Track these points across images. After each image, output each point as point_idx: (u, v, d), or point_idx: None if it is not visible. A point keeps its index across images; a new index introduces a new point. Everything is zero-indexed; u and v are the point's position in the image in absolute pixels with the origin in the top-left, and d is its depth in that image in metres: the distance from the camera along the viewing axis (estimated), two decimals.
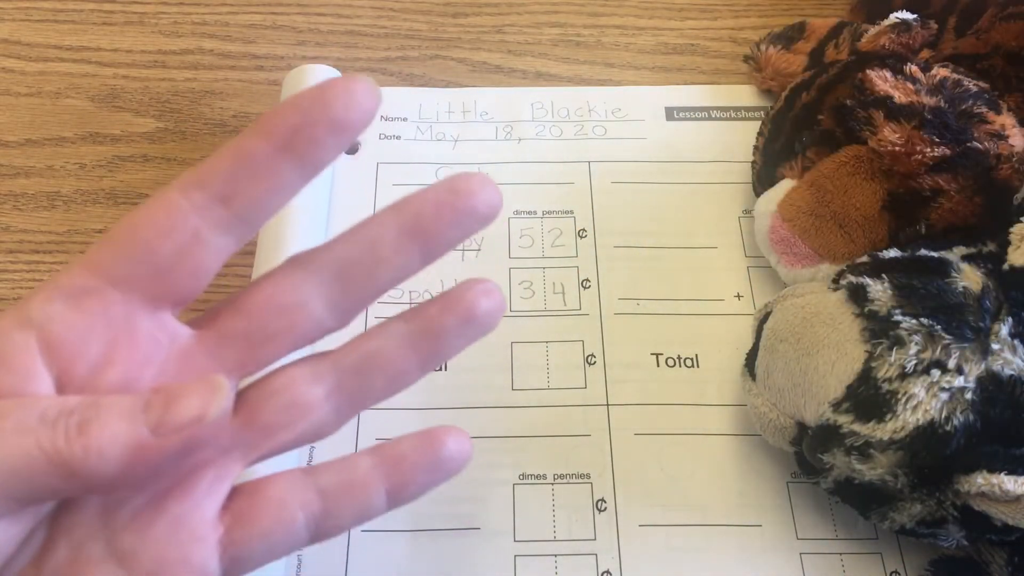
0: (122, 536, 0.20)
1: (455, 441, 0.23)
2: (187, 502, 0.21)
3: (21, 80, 0.44)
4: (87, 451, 0.18)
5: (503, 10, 0.49)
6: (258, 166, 0.20)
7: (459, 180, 0.22)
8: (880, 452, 0.26)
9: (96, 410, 0.18)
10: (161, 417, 0.18)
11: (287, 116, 0.20)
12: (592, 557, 0.31)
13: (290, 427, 0.22)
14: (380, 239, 0.21)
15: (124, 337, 0.20)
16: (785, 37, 0.44)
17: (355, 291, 0.22)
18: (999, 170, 0.31)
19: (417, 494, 0.23)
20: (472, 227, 0.22)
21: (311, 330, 0.21)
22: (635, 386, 0.35)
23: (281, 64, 0.46)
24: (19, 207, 0.40)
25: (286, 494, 0.22)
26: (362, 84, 0.20)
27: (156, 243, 0.19)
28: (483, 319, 0.23)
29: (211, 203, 0.20)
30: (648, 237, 0.39)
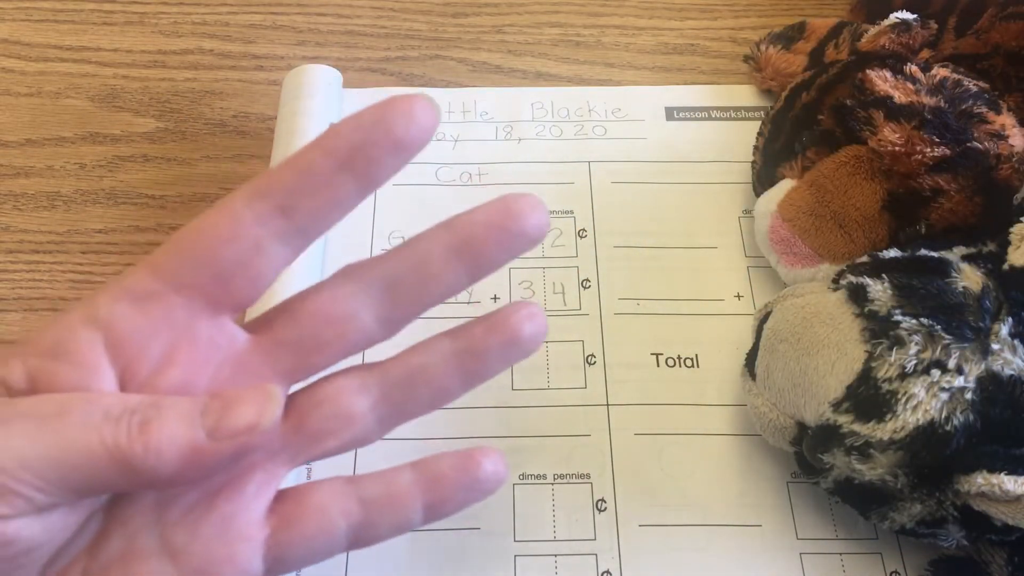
0: (174, 531, 0.21)
1: (492, 463, 0.24)
2: (237, 502, 0.21)
3: (21, 80, 0.44)
4: (147, 450, 0.18)
5: (503, 10, 0.49)
6: (319, 181, 0.20)
7: (510, 201, 0.22)
8: (880, 452, 0.26)
9: (157, 410, 0.19)
10: (217, 422, 0.19)
11: (349, 134, 0.20)
12: (592, 557, 0.31)
13: (336, 435, 0.23)
14: (430, 256, 0.22)
15: (185, 340, 0.21)
16: (785, 37, 0.44)
17: (403, 305, 0.22)
18: (999, 170, 0.31)
19: (453, 511, 0.24)
20: (521, 248, 0.23)
21: (360, 340, 0.22)
22: (635, 386, 0.35)
23: (281, 64, 0.46)
24: (19, 207, 0.40)
25: (330, 501, 0.22)
26: (421, 104, 0.20)
27: (219, 251, 0.20)
28: (527, 342, 0.23)
29: (272, 214, 0.20)
30: (648, 237, 0.39)
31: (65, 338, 0.20)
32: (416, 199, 0.40)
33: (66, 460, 0.18)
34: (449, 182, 0.41)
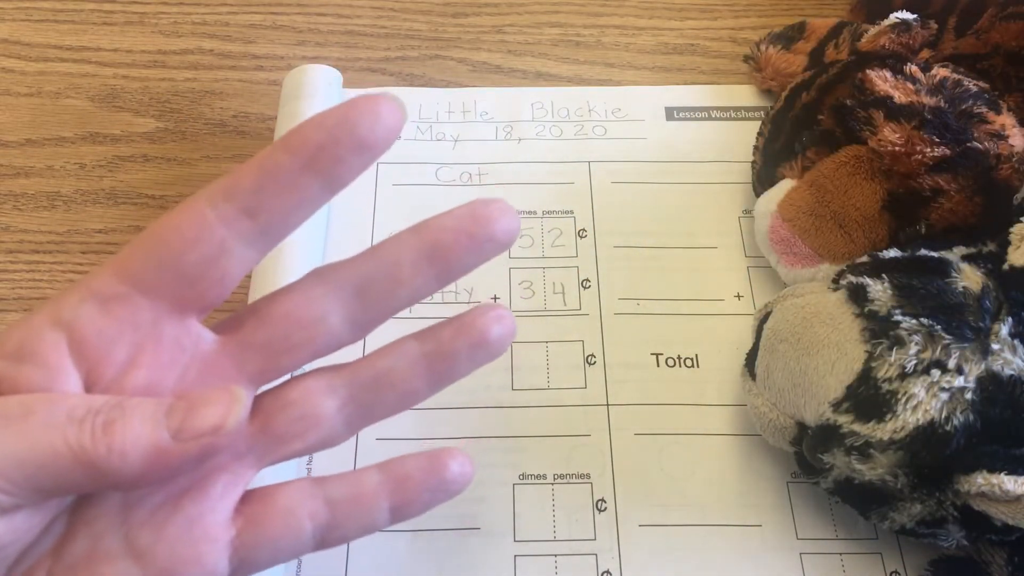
0: (139, 532, 0.21)
1: (458, 464, 0.24)
2: (203, 503, 0.21)
3: (21, 80, 0.44)
4: (110, 450, 0.18)
5: (503, 10, 0.49)
6: (283, 182, 0.20)
7: (479, 207, 0.22)
8: (880, 452, 0.26)
9: (121, 411, 0.19)
10: (182, 423, 0.19)
11: (313, 134, 0.20)
12: (592, 557, 0.31)
13: (302, 437, 0.23)
14: (399, 260, 0.22)
15: (150, 341, 0.21)
16: (785, 37, 0.44)
17: (373, 308, 0.22)
18: (999, 170, 0.31)
19: (419, 511, 0.24)
20: (489, 254, 0.23)
21: (329, 343, 0.22)
22: (635, 386, 0.35)
23: (281, 64, 0.46)
24: (19, 207, 0.40)
25: (296, 502, 0.22)
26: (387, 104, 0.20)
27: (184, 253, 0.20)
28: (494, 344, 0.24)
29: (237, 215, 0.20)
30: (648, 237, 0.39)
31: (29, 340, 0.20)
32: (416, 199, 0.40)
33: (30, 461, 0.18)
34: (449, 182, 0.41)
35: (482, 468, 0.33)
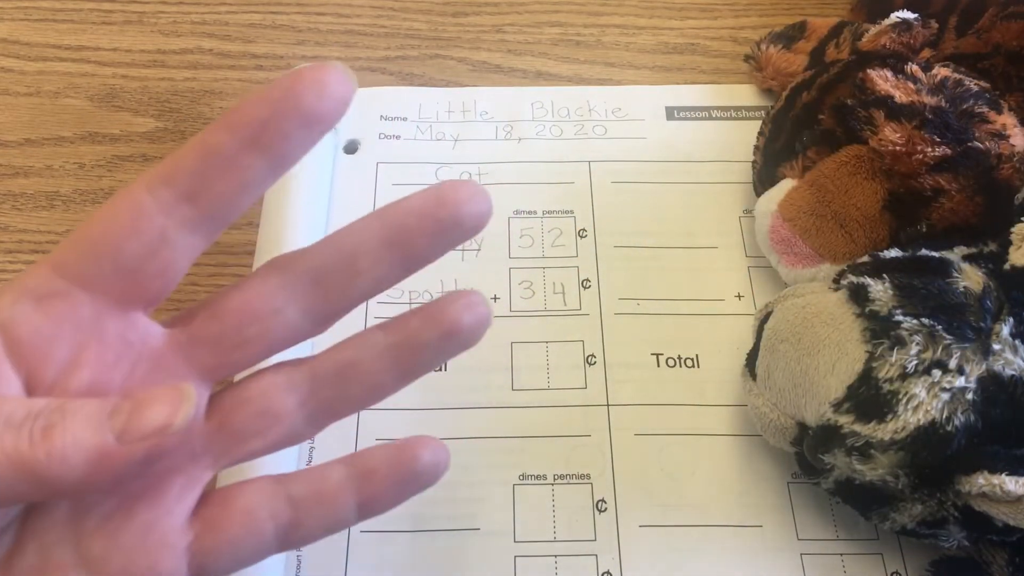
0: (91, 541, 0.20)
1: (430, 453, 0.23)
2: (157, 508, 0.20)
3: (20, 80, 0.44)
4: (51, 456, 0.17)
5: (503, 10, 0.49)
6: (225, 163, 0.19)
7: (446, 189, 0.21)
8: (881, 452, 0.26)
9: (61, 414, 0.18)
10: (126, 424, 0.18)
11: (255, 109, 0.19)
12: (592, 557, 0.31)
13: (261, 435, 0.21)
14: (361, 248, 0.21)
15: (93, 339, 0.20)
16: (786, 36, 0.43)
17: (333, 299, 0.21)
18: (1000, 170, 0.31)
19: (389, 506, 0.23)
20: (456, 239, 0.21)
21: (286, 336, 0.21)
22: (635, 386, 0.35)
23: (280, 64, 0.45)
24: (18, 207, 0.40)
25: (256, 503, 0.21)
26: (334, 72, 0.19)
27: (122, 244, 0.19)
28: (465, 334, 0.22)
29: (178, 201, 0.19)
30: (648, 237, 0.39)
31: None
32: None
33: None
34: None
35: (482, 468, 0.33)
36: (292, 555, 0.31)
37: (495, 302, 0.37)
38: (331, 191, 0.40)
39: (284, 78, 0.19)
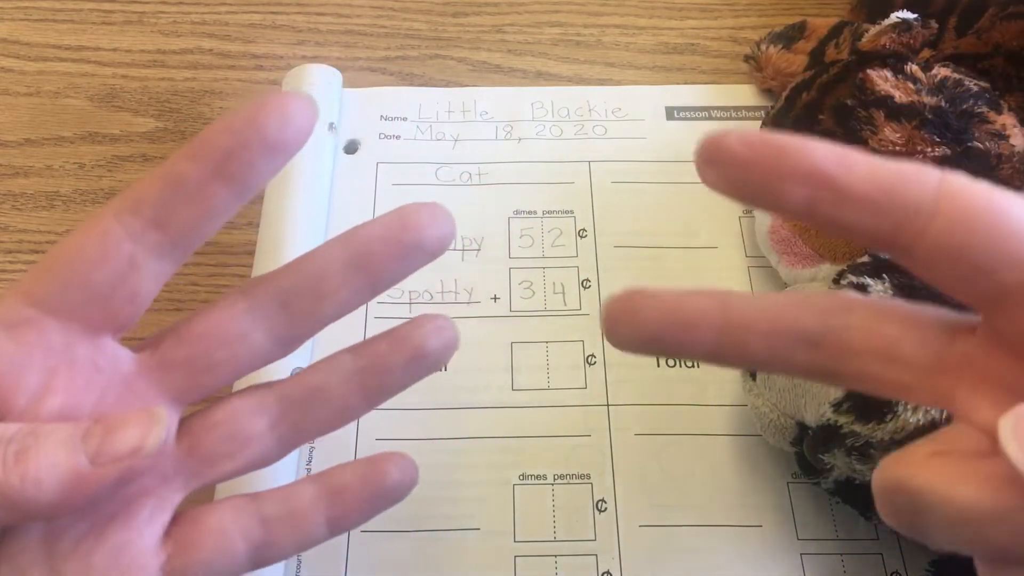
0: (65, 564, 0.20)
1: (399, 470, 0.23)
2: (129, 530, 0.21)
3: (20, 80, 0.44)
4: (24, 480, 0.17)
5: (503, 10, 0.49)
6: (191, 191, 0.19)
7: (409, 213, 0.22)
8: (881, 452, 0.26)
9: (35, 438, 0.18)
10: (99, 447, 0.18)
11: (219, 138, 0.19)
12: (592, 557, 0.31)
13: (232, 457, 0.22)
14: (326, 272, 0.21)
15: (63, 365, 0.20)
16: (785, 37, 0.43)
17: (299, 322, 0.22)
18: (1000, 170, 0.31)
19: (359, 522, 0.23)
20: (420, 262, 0.22)
21: (253, 359, 0.22)
22: (635, 386, 0.35)
23: (280, 64, 0.46)
24: (18, 207, 0.40)
25: (228, 523, 0.22)
26: (296, 103, 0.19)
27: (90, 272, 0.19)
28: (432, 358, 0.23)
29: (145, 228, 0.19)
30: (648, 237, 0.39)
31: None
32: (416, 199, 0.39)
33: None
34: (449, 182, 0.41)
35: (482, 468, 0.33)
36: None
37: (495, 302, 0.37)
38: (331, 191, 0.40)
39: (246, 107, 0.19)
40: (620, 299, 0.20)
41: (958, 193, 0.18)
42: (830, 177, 0.17)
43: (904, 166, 0.18)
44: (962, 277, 0.18)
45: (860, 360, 0.19)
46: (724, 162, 0.18)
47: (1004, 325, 0.18)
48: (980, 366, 0.19)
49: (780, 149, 0.18)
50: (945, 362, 0.19)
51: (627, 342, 0.20)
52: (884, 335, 0.19)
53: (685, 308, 0.20)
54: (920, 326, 0.19)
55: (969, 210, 0.17)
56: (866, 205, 0.17)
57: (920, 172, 0.18)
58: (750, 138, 0.18)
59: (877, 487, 0.19)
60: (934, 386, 0.19)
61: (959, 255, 0.17)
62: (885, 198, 0.17)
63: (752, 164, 0.18)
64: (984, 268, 0.17)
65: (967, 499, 0.17)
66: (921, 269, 0.18)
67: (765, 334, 0.20)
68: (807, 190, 0.18)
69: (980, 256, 0.17)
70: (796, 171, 0.18)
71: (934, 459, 0.18)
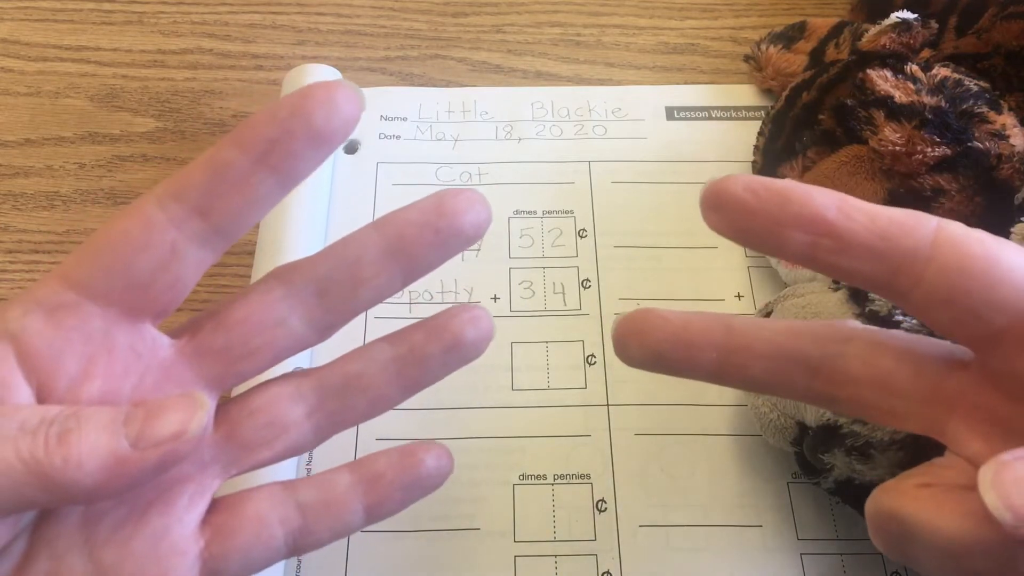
0: (103, 549, 0.20)
1: (434, 458, 0.23)
2: (168, 516, 0.21)
3: (20, 80, 0.44)
4: (66, 461, 0.17)
5: (503, 10, 0.49)
6: (235, 179, 0.19)
7: (446, 199, 0.21)
8: (880, 452, 0.26)
9: (77, 420, 0.18)
10: (141, 431, 0.18)
11: (264, 127, 0.19)
12: (592, 557, 0.31)
13: (269, 445, 0.22)
14: (362, 258, 0.21)
15: (103, 350, 0.20)
16: (785, 36, 0.43)
17: (336, 308, 0.22)
18: (1000, 170, 0.31)
19: (395, 510, 0.23)
20: (456, 248, 0.22)
21: (291, 346, 0.21)
22: (635, 386, 0.35)
23: (281, 64, 0.46)
24: (18, 207, 0.40)
25: (266, 509, 0.22)
26: (343, 91, 0.19)
27: (132, 258, 0.19)
28: (469, 348, 0.23)
29: (188, 216, 0.19)
30: (648, 237, 0.39)
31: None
32: (416, 199, 0.40)
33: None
34: (449, 182, 0.41)
35: (482, 468, 0.33)
36: None
37: (495, 302, 0.37)
38: (331, 191, 0.40)
39: (293, 95, 0.19)
40: (629, 319, 0.21)
41: (953, 240, 0.18)
42: (831, 225, 0.18)
43: (902, 213, 0.19)
44: (957, 320, 0.19)
45: (856, 388, 0.20)
46: (728, 208, 0.19)
47: (996, 364, 0.19)
48: (972, 400, 0.19)
49: (783, 196, 0.18)
50: (938, 394, 0.20)
51: (635, 359, 0.21)
52: (880, 365, 0.20)
53: (690, 329, 0.21)
54: (916, 358, 0.20)
55: (964, 257, 0.18)
56: (865, 252, 0.18)
57: (917, 219, 0.19)
58: (754, 184, 0.19)
59: (869, 514, 0.20)
60: (926, 416, 0.20)
61: (954, 300, 0.18)
62: (884, 245, 0.18)
63: (755, 211, 0.19)
64: (977, 311, 0.18)
65: (951, 531, 0.17)
66: (917, 312, 0.19)
67: (766, 358, 0.21)
68: (809, 237, 0.18)
69: (974, 301, 0.18)
70: (798, 219, 0.18)
71: (922, 491, 0.19)
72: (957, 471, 0.19)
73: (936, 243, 0.18)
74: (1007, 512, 0.16)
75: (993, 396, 0.19)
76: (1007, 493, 0.16)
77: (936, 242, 0.18)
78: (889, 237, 0.18)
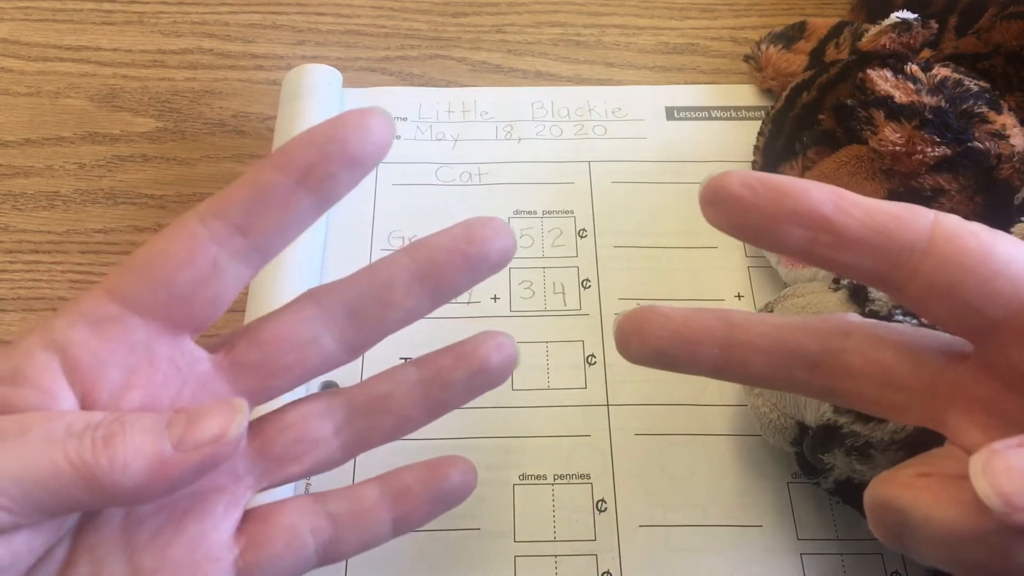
0: (142, 554, 0.21)
1: (459, 473, 0.24)
2: (204, 523, 0.21)
3: (20, 80, 0.44)
4: (112, 463, 0.18)
5: (503, 10, 0.49)
6: (275, 199, 0.20)
7: (474, 226, 0.22)
8: (880, 452, 0.26)
9: (120, 425, 0.19)
10: (183, 434, 0.19)
11: (303, 151, 0.20)
12: (592, 557, 0.31)
13: (300, 460, 0.23)
14: (393, 281, 0.22)
15: (144, 363, 0.20)
16: (785, 36, 0.43)
17: (365, 329, 0.22)
18: (1000, 170, 0.31)
19: (422, 522, 0.24)
20: (484, 274, 0.23)
21: (322, 364, 0.22)
22: (635, 386, 0.35)
23: (281, 64, 0.46)
24: (18, 207, 0.40)
25: (297, 520, 0.23)
26: (376, 118, 0.20)
27: (176, 273, 0.20)
28: (494, 373, 0.24)
29: (230, 233, 0.20)
30: (648, 237, 0.39)
31: (22, 364, 0.19)
32: (416, 199, 0.40)
33: (29, 477, 0.18)
34: (449, 182, 0.41)
35: (482, 468, 0.32)
36: None
37: (495, 302, 0.37)
38: None
39: (330, 121, 0.20)
40: (630, 316, 0.22)
41: (949, 233, 0.18)
42: (828, 220, 0.19)
43: (898, 207, 0.19)
44: (954, 313, 0.19)
45: (856, 382, 0.21)
46: (725, 204, 0.19)
47: (994, 356, 0.19)
48: (970, 392, 0.20)
49: (780, 192, 0.19)
50: (938, 386, 0.20)
51: (637, 356, 0.22)
52: (880, 359, 0.20)
53: (691, 327, 0.21)
54: (915, 351, 0.20)
55: (960, 250, 0.18)
56: (863, 247, 0.19)
57: (914, 213, 0.19)
58: (751, 180, 0.19)
59: (867, 504, 0.20)
60: (926, 408, 0.20)
61: (950, 292, 0.18)
62: (881, 239, 0.18)
63: (753, 206, 0.19)
64: (974, 304, 0.18)
65: (947, 519, 0.18)
66: (915, 305, 0.19)
67: (766, 353, 0.21)
68: (806, 232, 0.19)
69: (970, 293, 0.18)
70: (795, 214, 0.19)
71: (920, 480, 0.19)
72: (955, 461, 0.19)
73: (933, 237, 0.18)
74: (998, 500, 0.16)
75: (991, 387, 0.19)
76: (998, 481, 0.16)
77: (933, 236, 0.18)
78: (886, 231, 0.19)
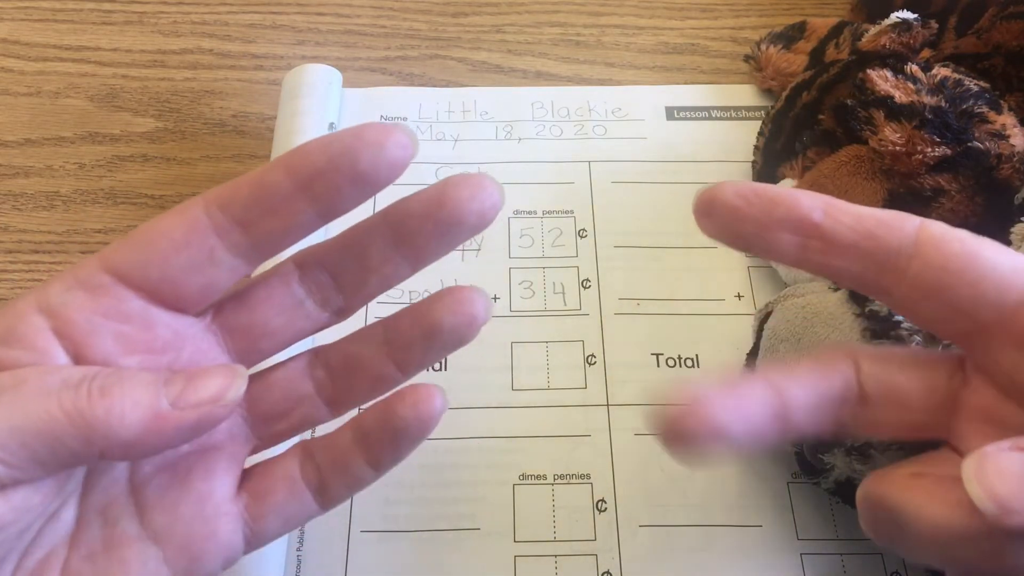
0: (152, 514, 0.21)
1: (408, 407, 0.23)
2: (209, 481, 0.22)
3: (20, 80, 0.44)
4: (109, 413, 0.18)
5: (503, 10, 0.49)
6: (277, 201, 0.20)
7: (448, 188, 0.21)
8: (880, 453, 0.26)
9: (119, 377, 0.19)
10: (181, 392, 0.19)
11: (313, 156, 0.20)
12: (592, 557, 0.31)
13: (286, 417, 0.23)
14: (369, 247, 0.22)
15: (139, 329, 0.21)
16: (785, 36, 0.44)
17: (349, 293, 0.22)
18: (1000, 170, 0.31)
19: (393, 462, 0.23)
20: (460, 237, 0.21)
21: (308, 327, 0.22)
22: (635, 386, 0.35)
23: (281, 64, 0.46)
24: (18, 207, 0.40)
25: (293, 470, 0.23)
26: (395, 137, 0.20)
27: (171, 255, 0.20)
28: (447, 336, 0.22)
29: (231, 225, 0.20)
30: (648, 237, 0.39)
31: (15, 324, 0.19)
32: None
33: (26, 428, 0.18)
34: None
35: (482, 468, 0.33)
36: (292, 554, 0.31)
37: (495, 302, 0.37)
38: None
39: (349, 131, 0.19)
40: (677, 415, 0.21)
41: (934, 238, 0.19)
42: (818, 226, 0.19)
43: (885, 214, 0.19)
44: (941, 316, 0.19)
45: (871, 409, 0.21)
46: (720, 213, 0.20)
47: (985, 361, 0.19)
48: (969, 399, 0.20)
49: (772, 201, 0.20)
50: (946, 399, 0.20)
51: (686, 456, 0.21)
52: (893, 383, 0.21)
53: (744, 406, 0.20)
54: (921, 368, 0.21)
55: (945, 254, 0.19)
56: (852, 252, 0.19)
57: (901, 219, 0.19)
58: (743, 190, 0.20)
59: (860, 501, 0.20)
60: (939, 422, 0.21)
61: (937, 295, 0.19)
62: (868, 243, 0.19)
63: (746, 215, 0.20)
64: (961, 307, 0.19)
65: (939, 519, 0.18)
66: (904, 308, 0.20)
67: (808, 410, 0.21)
68: (798, 238, 0.19)
69: (956, 296, 0.19)
70: (786, 221, 0.19)
71: (914, 479, 0.19)
72: (950, 463, 0.19)
73: (918, 241, 0.19)
74: (990, 502, 0.16)
75: (987, 393, 0.20)
76: (990, 484, 0.16)
77: (918, 240, 0.19)
78: (873, 236, 0.19)
